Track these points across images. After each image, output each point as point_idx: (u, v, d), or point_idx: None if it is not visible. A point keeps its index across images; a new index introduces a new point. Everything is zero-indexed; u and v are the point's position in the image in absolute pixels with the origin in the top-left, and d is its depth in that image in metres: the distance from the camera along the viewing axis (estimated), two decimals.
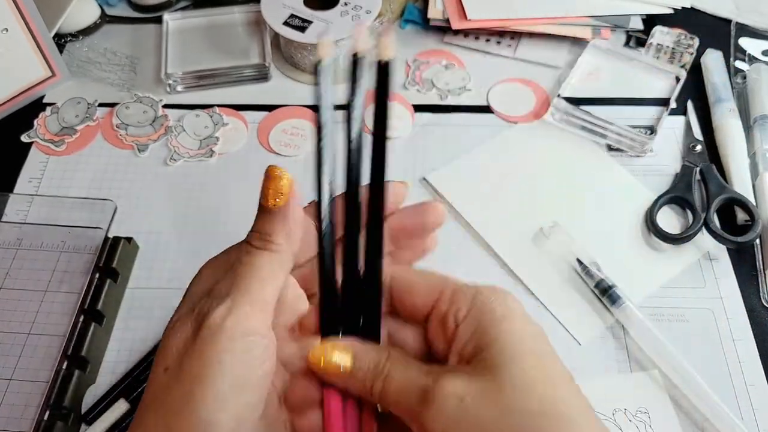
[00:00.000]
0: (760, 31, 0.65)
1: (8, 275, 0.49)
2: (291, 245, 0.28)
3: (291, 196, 0.29)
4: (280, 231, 0.28)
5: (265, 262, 0.27)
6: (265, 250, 0.28)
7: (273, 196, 0.28)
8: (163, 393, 0.26)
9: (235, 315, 0.25)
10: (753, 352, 0.46)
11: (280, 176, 0.29)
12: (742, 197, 0.51)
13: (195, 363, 0.25)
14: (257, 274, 0.27)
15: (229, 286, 0.27)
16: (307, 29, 0.59)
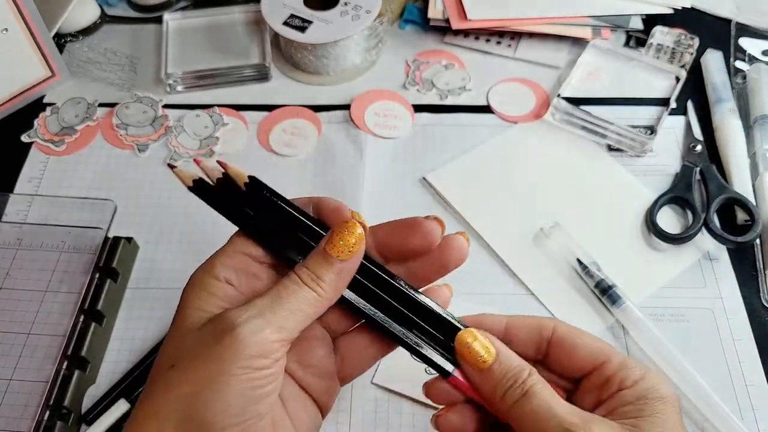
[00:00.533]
0: (760, 31, 0.65)
1: (8, 275, 0.49)
2: (335, 297, 0.29)
3: (357, 255, 0.29)
4: (333, 282, 0.28)
5: (307, 299, 0.28)
6: (311, 290, 0.28)
7: (341, 250, 0.28)
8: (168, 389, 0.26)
9: (264, 336, 0.26)
10: (753, 352, 0.46)
11: (352, 232, 0.29)
12: (742, 197, 0.51)
13: (210, 368, 0.26)
14: (296, 307, 0.27)
15: (266, 307, 0.27)
16: (307, 29, 0.59)
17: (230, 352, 0.26)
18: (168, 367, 0.27)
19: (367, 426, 0.43)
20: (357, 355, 0.32)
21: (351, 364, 0.32)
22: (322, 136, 0.58)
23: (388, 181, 0.55)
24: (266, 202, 0.31)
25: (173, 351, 0.28)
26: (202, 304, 0.28)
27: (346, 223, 0.29)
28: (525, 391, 0.27)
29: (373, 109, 0.60)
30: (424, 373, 0.45)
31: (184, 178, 0.31)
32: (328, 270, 0.28)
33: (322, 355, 0.31)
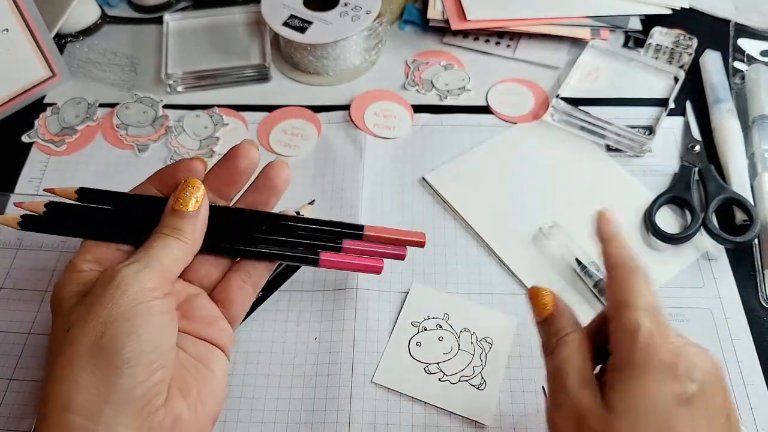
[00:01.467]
0: (758, 31, 0.65)
1: (8, 275, 0.49)
2: (195, 245, 0.34)
3: (204, 204, 0.34)
4: (190, 230, 0.33)
5: (175, 244, 0.32)
6: (177, 239, 0.33)
7: (189, 202, 0.33)
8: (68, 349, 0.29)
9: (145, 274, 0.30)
10: (751, 352, 0.46)
11: (196, 186, 0.34)
12: (741, 197, 0.51)
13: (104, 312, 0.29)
14: (168, 251, 0.32)
15: (141, 255, 0.32)
16: (307, 30, 0.59)
17: (119, 290, 0.29)
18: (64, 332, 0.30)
19: (367, 426, 0.43)
20: (236, 296, 0.36)
21: (233, 305, 0.36)
22: (322, 137, 0.58)
23: (388, 181, 0.55)
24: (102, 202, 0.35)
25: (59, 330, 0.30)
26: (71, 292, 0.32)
27: (187, 181, 0.34)
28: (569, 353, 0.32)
29: (373, 109, 0.60)
30: (425, 373, 0.45)
31: (9, 223, 0.34)
32: (183, 222, 0.33)
33: (202, 305, 0.35)
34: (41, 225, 0.34)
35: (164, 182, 0.36)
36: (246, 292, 0.37)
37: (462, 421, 0.43)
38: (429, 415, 0.43)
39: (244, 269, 0.37)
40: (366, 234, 0.38)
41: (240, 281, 0.36)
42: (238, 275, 0.37)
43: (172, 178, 0.36)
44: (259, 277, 0.37)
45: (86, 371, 0.28)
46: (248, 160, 0.37)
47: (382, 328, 0.47)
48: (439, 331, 0.46)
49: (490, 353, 0.46)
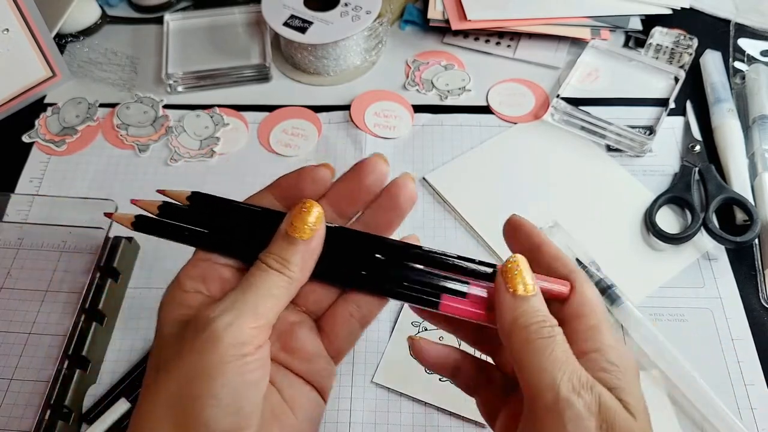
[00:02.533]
0: (759, 31, 0.65)
1: (9, 275, 0.49)
2: (303, 277, 0.29)
3: (318, 233, 0.29)
4: (298, 262, 0.29)
5: (277, 283, 0.28)
6: (279, 273, 0.28)
7: (300, 230, 0.29)
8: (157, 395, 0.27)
9: (239, 324, 0.26)
10: (752, 352, 0.46)
11: (309, 211, 0.29)
12: (741, 197, 0.51)
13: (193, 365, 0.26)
14: (268, 292, 0.28)
15: (237, 298, 0.27)
16: (308, 30, 0.59)
17: (210, 344, 0.26)
18: (154, 373, 0.27)
19: (367, 426, 0.43)
20: (341, 329, 0.32)
21: (337, 339, 0.32)
22: (323, 137, 0.58)
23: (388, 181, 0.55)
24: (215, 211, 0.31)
25: (155, 359, 0.28)
26: (175, 316, 0.29)
27: (303, 203, 0.29)
28: (550, 336, 0.27)
29: (373, 109, 0.60)
30: (425, 373, 0.45)
31: (123, 221, 0.32)
32: (293, 251, 0.28)
33: (305, 338, 0.31)
34: (154, 227, 0.31)
35: (285, 192, 0.32)
36: (353, 327, 0.32)
37: (462, 421, 0.43)
38: (429, 415, 0.43)
39: (353, 300, 0.32)
40: None
41: (348, 314, 0.31)
42: (346, 306, 0.32)
43: (294, 189, 0.31)
44: (369, 313, 0.32)
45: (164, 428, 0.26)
46: (375, 176, 0.32)
47: (382, 328, 0.47)
48: (439, 330, 0.46)
49: None
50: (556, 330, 0.27)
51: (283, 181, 0.32)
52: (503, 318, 0.28)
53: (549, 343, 0.27)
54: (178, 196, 0.32)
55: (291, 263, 0.28)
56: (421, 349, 0.31)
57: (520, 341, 0.27)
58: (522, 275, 0.28)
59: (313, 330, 0.31)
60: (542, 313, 0.28)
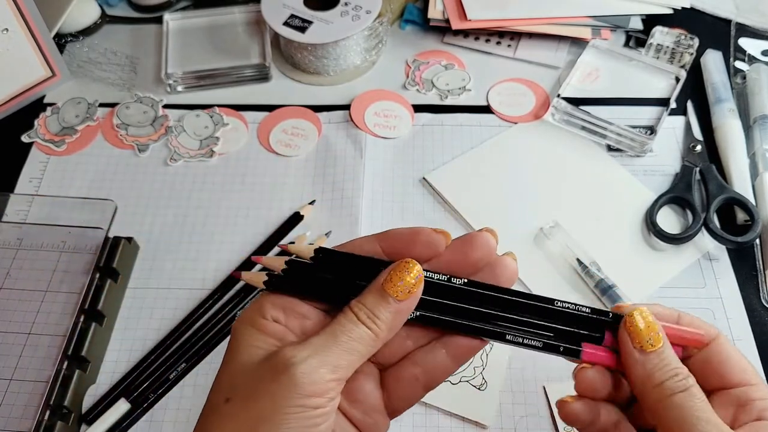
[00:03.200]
0: (759, 31, 0.65)
1: (8, 275, 0.49)
2: (390, 336, 0.29)
3: (415, 296, 0.28)
4: (388, 320, 0.28)
5: (362, 337, 0.28)
6: (368, 328, 0.28)
7: (399, 290, 0.28)
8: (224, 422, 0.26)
9: (319, 376, 0.26)
10: (753, 352, 0.46)
11: (411, 270, 0.28)
12: (742, 197, 0.51)
13: (266, 405, 0.26)
14: (351, 345, 0.27)
15: (322, 346, 0.27)
16: (308, 29, 0.59)
17: (286, 390, 0.26)
18: (223, 401, 0.27)
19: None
20: (404, 391, 0.31)
21: (398, 399, 0.31)
22: (323, 137, 0.58)
23: (388, 181, 0.55)
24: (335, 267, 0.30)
25: (228, 385, 0.28)
26: (252, 341, 0.28)
27: (406, 262, 0.28)
28: (686, 388, 0.27)
29: (373, 109, 0.60)
30: None
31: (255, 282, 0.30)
32: (385, 309, 0.28)
33: (369, 390, 0.30)
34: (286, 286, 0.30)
35: (393, 247, 0.30)
36: (415, 391, 0.31)
37: (462, 421, 0.43)
38: (429, 416, 0.43)
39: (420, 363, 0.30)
40: None
41: (413, 376, 0.30)
42: (412, 369, 0.30)
43: (403, 246, 0.30)
44: (433, 380, 0.31)
45: None
46: (483, 252, 0.31)
47: None
48: None
49: (491, 353, 0.46)
50: (690, 381, 0.27)
51: (395, 234, 0.31)
52: (634, 375, 0.28)
53: (687, 397, 0.27)
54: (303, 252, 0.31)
55: (380, 320, 0.28)
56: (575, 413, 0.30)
57: (656, 399, 0.27)
58: (647, 329, 0.28)
59: (377, 383, 0.31)
60: (673, 366, 0.28)
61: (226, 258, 0.51)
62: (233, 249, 0.52)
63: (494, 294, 0.30)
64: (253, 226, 0.53)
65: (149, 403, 0.44)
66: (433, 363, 0.30)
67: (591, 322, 0.30)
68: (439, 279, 0.30)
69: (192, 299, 0.49)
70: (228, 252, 0.51)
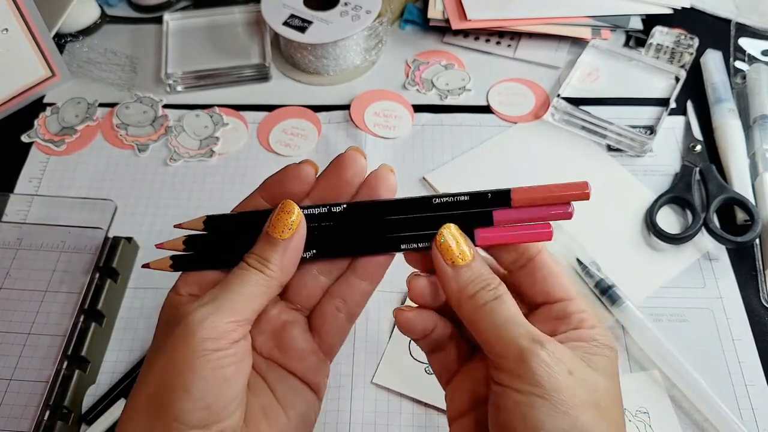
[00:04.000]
0: (759, 31, 0.65)
1: (8, 275, 0.49)
2: (283, 275, 0.30)
3: (298, 232, 0.30)
4: (278, 261, 0.29)
5: (255, 280, 0.29)
6: (258, 271, 0.29)
7: (281, 229, 0.30)
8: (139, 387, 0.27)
9: (215, 319, 0.27)
10: (752, 352, 0.46)
11: (291, 211, 0.30)
12: (742, 197, 0.51)
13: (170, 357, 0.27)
14: (245, 289, 0.29)
15: (216, 294, 0.28)
16: (307, 29, 0.59)
17: (182, 339, 0.27)
18: (143, 368, 0.28)
19: (367, 426, 0.43)
20: (330, 325, 0.32)
21: (327, 335, 0.32)
22: (322, 136, 0.58)
23: None
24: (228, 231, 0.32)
25: (148, 354, 0.29)
26: (166, 316, 0.30)
27: (282, 204, 0.30)
28: (496, 297, 0.28)
29: (373, 109, 0.60)
30: (425, 374, 0.45)
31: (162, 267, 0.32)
32: (273, 250, 0.29)
33: (298, 336, 0.31)
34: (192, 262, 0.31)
35: (272, 193, 0.32)
36: (340, 322, 0.32)
37: None
38: (429, 416, 0.43)
39: (338, 294, 0.32)
40: (515, 199, 0.31)
41: (334, 309, 0.32)
42: (331, 301, 0.32)
43: (280, 188, 0.32)
44: (355, 305, 0.32)
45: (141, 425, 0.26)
46: (354, 169, 0.32)
47: (381, 329, 0.47)
48: None
49: None
50: (500, 289, 0.28)
51: (270, 181, 0.32)
52: (448, 290, 0.29)
53: (498, 305, 0.27)
54: (194, 224, 0.32)
55: (271, 262, 0.29)
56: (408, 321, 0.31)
57: (470, 310, 0.28)
58: (457, 245, 0.29)
59: (305, 328, 0.32)
60: (484, 277, 0.28)
61: None
62: None
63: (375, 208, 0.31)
64: None
65: None
66: (349, 290, 0.32)
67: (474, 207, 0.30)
68: (320, 211, 0.31)
69: None
70: None
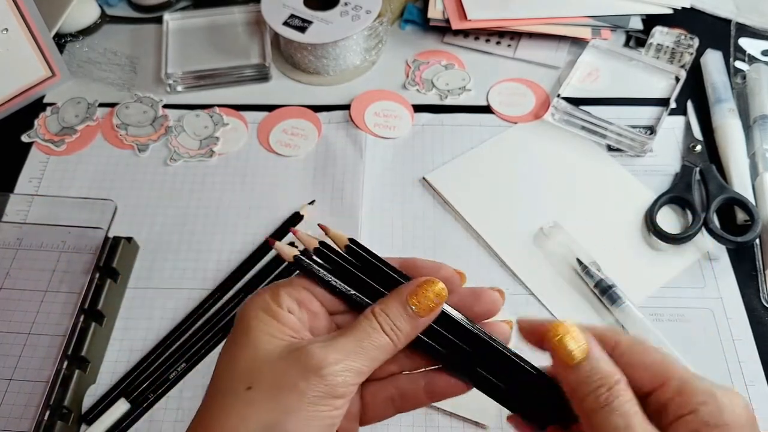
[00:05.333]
0: (759, 31, 0.65)
1: (8, 275, 0.49)
2: (404, 345, 0.29)
3: (435, 312, 0.29)
4: (407, 333, 0.29)
5: (384, 347, 0.28)
6: (389, 338, 0.28)
7: (424, 309, 0.29)
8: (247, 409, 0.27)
9: (345, 378, 0.27)
10: (753, 352, 0.46)
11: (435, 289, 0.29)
12: (742, 197, 0.51)
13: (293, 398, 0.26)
14: (375, 355, 0.28)
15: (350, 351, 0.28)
16: (307, 29, 0.59)
17: (316, 389, 0.26)
18: (245, 388, 0.27)
19: (366, 426, 0.43)
20: (378, 407, 0.32)
21: (372, 412, 0.32)
22: (322, 137, 0.58)
23: (388, 181, 0.55)
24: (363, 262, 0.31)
25: (248, 372, 0.28)
26: (268, 329, 0.28)
27: (432, 280, 0.29)
28: (616, 397, 0.26)
29: (373, 109, 0.60)
30: None
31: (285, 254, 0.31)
32: (407, 321, 0.29)
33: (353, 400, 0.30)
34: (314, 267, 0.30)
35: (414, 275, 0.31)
36: (388, 410, 0.32)
37: (463, 421, 0.43)
38: (429, 416, 0.43)
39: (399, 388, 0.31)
40: None
41: (389, 398, 0.31)
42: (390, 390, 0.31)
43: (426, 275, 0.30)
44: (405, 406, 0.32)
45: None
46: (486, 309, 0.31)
47: None
48: None
49: None
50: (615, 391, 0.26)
51: (417, 264, 0.31)
52: (566, 388, 0.28)
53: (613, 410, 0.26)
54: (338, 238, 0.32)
55: (401, 332, 0.29)
56: None
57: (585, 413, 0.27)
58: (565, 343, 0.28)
59: (359, 394, 0.31)
60: (597, 377, 0.27)
61: (226, 258, 0.51)
62: (233, 249, 0.52)
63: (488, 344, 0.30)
64: (253, 226, 0.53)
65: (149, 403, 0.44)
66: (410, 392, 0.31)
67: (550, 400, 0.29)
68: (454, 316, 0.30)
69: (192, 299, 0.49)
70: (228, 252, 0.51)
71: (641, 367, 0.28)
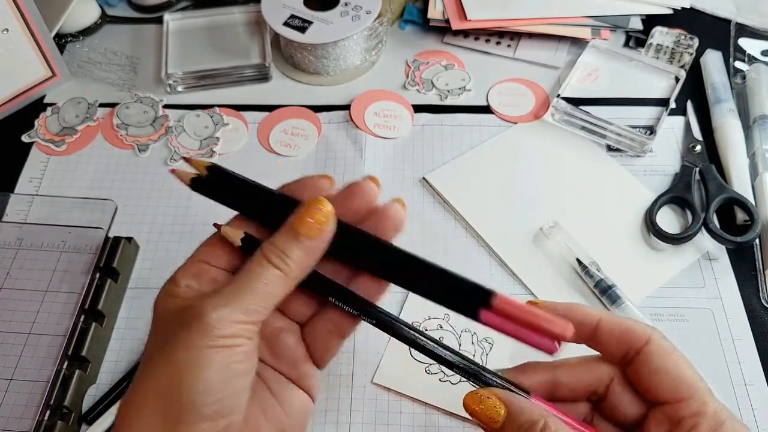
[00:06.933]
0: (759, 31, 0.65)
1: (9, 275, 0.49)
2: (301, 275, 0.29)
3: (327, 232, 0.29)
4: (299, 259, 0.28)
5: (274, 279, 0.28)
6: (278, 269, 0.28)
7: (309, 228, 0.28)
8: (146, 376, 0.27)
9: (232, 319, 0.27)
10: (752, 352, 0.46)
11: (322, 209, 0.29)
12: (742, 197, 0.51)
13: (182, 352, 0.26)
14: (263, 288, 0.28)
15: (233, 293, 0.28)
16: (307, 30, 0.59)
17: (200, 334, 0.26)
18: (147, 361, 0.28)
19: (367, 426, 0.43)
20: (322, 344, 0.32)
21: (318, 351, 0.32)
22: (322, 137, 0.58)
23: (388, 181, 0.55)
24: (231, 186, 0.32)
25: (149, 347, 0.29)
26: (168, 305, 0.29)
27: (317, 200, 0.29)
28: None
29: (373, 109, 0.60)
30: (425, 373, 0.45)
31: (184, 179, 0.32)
32: (296, 247, 0.28)
33: (290, 344, 0.31)
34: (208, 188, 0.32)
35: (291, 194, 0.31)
36: (332, 342, 0.32)
37: (462, 421, 0.43)
38: (429, 416, 0.43)
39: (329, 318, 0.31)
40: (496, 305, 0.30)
41: (327, 331, 0.31)
42: (324, 324, 0.32)
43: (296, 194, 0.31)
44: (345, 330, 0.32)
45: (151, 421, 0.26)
46: (364, 200, 0.32)
47: None
48: (440, 331, 0.46)
49: (491, 353, 0.46)
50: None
51: (285, 189, 0.32)
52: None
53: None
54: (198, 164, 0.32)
55: (291, 258, 0.28)
56: None
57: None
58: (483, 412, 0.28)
59: (297, 337, 0.32)
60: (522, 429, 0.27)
61: None
62: None
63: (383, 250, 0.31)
64: None
65: None
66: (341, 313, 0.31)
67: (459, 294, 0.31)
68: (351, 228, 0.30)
69: None
70: None
71: (666, 375, 0.28)
